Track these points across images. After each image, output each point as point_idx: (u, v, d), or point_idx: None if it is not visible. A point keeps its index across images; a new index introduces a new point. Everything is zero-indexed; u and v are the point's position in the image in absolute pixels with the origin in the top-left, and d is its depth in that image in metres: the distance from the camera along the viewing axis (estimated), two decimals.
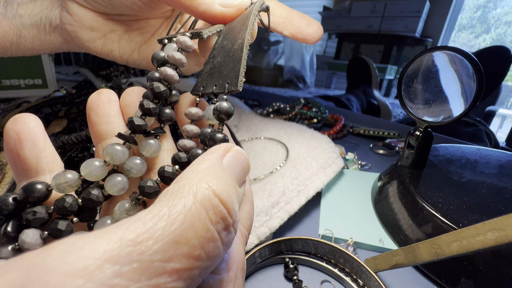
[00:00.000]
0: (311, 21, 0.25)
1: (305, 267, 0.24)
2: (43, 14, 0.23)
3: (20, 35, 0.24)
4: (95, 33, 0.24)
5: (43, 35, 0.24)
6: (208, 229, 0.08)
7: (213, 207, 0.08)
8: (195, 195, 0.08)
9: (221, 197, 0.08)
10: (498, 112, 0.97)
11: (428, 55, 0.28)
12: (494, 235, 0.14)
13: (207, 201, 0.08)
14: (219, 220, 0.08)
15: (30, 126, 0.11)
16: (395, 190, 0.30)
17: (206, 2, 0.18)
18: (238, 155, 0.11)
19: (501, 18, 1.99)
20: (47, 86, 0.53)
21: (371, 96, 0.99)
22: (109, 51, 0.25)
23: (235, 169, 0.11)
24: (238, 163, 0.11)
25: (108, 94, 0.14)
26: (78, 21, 0.23)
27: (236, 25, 0.17)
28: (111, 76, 0.75)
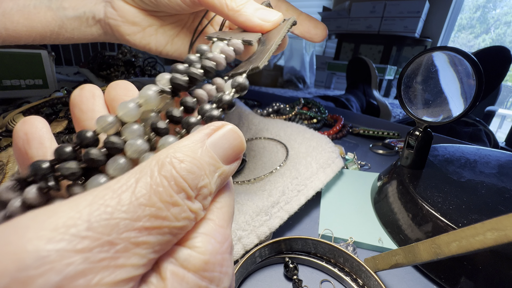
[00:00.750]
0: (318, 22, 0.28)
1: (305, 267, 0.24)
2: (87, 8, 0.25)
3: (62, 26, 0.25)
4: (136, 27, 0.26)
5: (84, 27, 0.26)
6: (171, 195, 0.09)
7: (174, 179, 0.09)
8: (160, 168, 0.09)
9: (181, 173, 0.09)
10: (498, 112, 0.97)
11: (428, 55, 0.28)
12: (494, 235, 0.14)
13: (169, 173, 0.09)
14: (180, 191, 0.09)
15: (37, 127, 0.12)
16: (395, 190, 0.30)
17: (246, 14, 0.21)
18: (228, 133, 0.11)
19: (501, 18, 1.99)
20: (47, 86, 0.53)
21: (370, 96, 0.99)
22: (146, 43, 0.27)
23: (223, 147, 0.11)
24: (227, 141, 0.11)
25: (91, 89, 0.14)
26: (122, 16, 0.25)
27: (272, 35, 0.20)
28: (111, 76, 0.75)
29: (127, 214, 0.08)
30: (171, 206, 0.09)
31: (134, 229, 0.08)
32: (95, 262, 0.07)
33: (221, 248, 0.10)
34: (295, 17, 0.22)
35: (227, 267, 0.11)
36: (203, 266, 0.10)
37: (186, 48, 0.29)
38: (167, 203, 0.09)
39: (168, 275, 0.09)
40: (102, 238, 0.07)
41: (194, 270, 0.09)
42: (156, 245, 0.09)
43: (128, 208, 0.08)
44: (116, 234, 0.08)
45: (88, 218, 0.07)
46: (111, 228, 0.08)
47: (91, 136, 0.11)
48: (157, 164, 0.09)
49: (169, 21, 0.27)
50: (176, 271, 0.09)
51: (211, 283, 0.10)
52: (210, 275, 0.10)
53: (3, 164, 0.27)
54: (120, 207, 0.08)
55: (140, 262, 0.08)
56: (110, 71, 0.76)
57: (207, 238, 0.10)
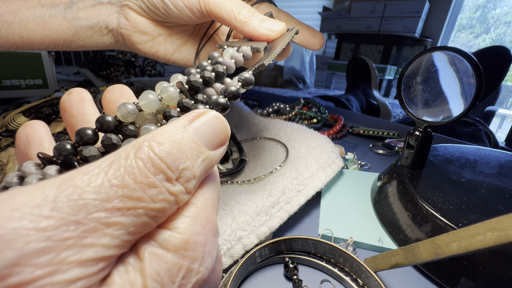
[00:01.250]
0: (316, 32, 0.30)
1: (305, 267, 0.24)
2: (100, 18, 0.27)
3: (75, 34, 0.27)
4: (146, 36, 0.27)
5: (97, 36, 0.27)
6: (147, 176, 0.09)
7: (151, 160, 0.09)
8: (136, 152, 0.09)
9: (159, 154, 0.09)
10: (498, 112, 0.97)
11: (428, 55, 0.28)
12: (494, 235, 0.14)
13: (145, 155, 0.09)
14: (158, 172, 0.09)
15: (38, 130, 0.13)
16: (395, 190, 0.30)
17: (253, 24, 0.23)
18: (211, 119, 0.12)
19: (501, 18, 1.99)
20: (47, 86, 0.53)
21: (370, 96, 0.99)
22: (155, 51, 0.29)
23: (205, 132, 0.11)
24: (210, 126, 0.11)
25: (79, 93, 0.14)
26: (134, 26, 0.27)
27: (277, 44, 0.22)
28: (111, 76, 0.75)
29: (97, 195, 0.08)
30: (147, 187, 0.09)
31: (105, 209, 0.08)
32: (59, 240, 0.07)
33: (203, 230, 0.10)
34: (298, 27, 0.24)
35: (211, 248, 0.11)
36: (184, 246, 0.09)
37: (193, 56, 0.30)
38: (142, 184, 0.09)
39: (146, 255, 0.09)
40: (67, 218, 0.07)
41: (174, 249, 0.09)
42: (130, 226, 0.08)
43: (99, 189, 0.08)
44: (84, 215, 0.08)
45: (53, 199, 0.08)
46: (79, 209, 0.08)
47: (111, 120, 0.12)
48: (133, 148, 0.09)
49: (177, 30, 0.29)
50: (154, 251, 0.09)
51: (193, 263, 0.10)
52: (192, 254, 0.10)
53: (3, 164, 0.27)
54: (90, 188, 0.08)
55: (112, 242, 0.08)
56: (110, 71, 0.76)
57: (189, 219, 0.10)
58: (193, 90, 0.15)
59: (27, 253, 0.07)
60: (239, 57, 0.19)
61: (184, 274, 0.09)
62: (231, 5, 0.23)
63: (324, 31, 1.80)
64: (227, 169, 0.36)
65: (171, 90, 0.14)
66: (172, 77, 0.15)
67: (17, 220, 0.07)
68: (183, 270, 0.09)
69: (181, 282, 0.09)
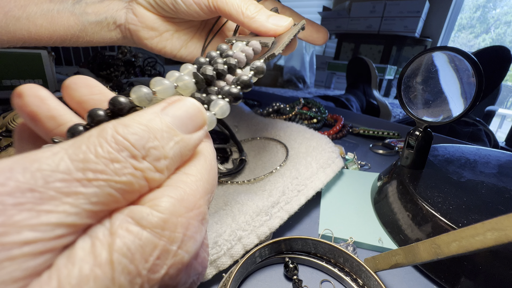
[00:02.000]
0: (320, 27, 0.30)
1: (305, 267, 0.24)
2: (108, 14, 0.27)
3: (83, 30, 0.27)
4: (154, 32, 0.28)
5: (104, 31, 0.28)
6: (109, 152, 0.09)
7: (113, 138, 0.09)
8: (99, 133, 0.09)
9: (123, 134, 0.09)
10: (498, 112, 0.97)
11: (428, 55, 0.28)
12: (494, 235, 0.14)
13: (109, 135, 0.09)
14: (121, 149, 0.09)
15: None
16: (395, 190, 0.30)
17: (260, 20, 0.23)
18: (185, 104, 0.12)
19: (501, 18, 1.99)
20: (47, 86, 0.53)
21: (370, 96, 0.99)
22: (162, 47, 0.29)
23: (179, 116, 0.11)
24: (184, 111, 0.12)
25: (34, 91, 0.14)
26: (142, 22, 0.27)
27: (283, 37, 0.22)
28: (111, 76, 0.75)
29: (56, 167, 0.08)
30: (110, 162, 0.09)
31: (63, 180, 0.08)
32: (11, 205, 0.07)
33: (187, 212, 0.10)
34: (304, 22, 0.24)
35: (194, 232, 0.10)
36: (161, 225, 0.09)
37: (199, 52, 0.30)
38: (104, 159, 0.09)
39: (119, 231, 0.09)
40: (22, 186, 0.08)
41: (150, 227, 0.09)
42: (93, 196, 0.09)
43: (58, 163, 0.08)
44: (41, 183, 0.08)
45: (9, 168, 0.08)
46: (35, 179, 0.08)
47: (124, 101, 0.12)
48: (96, 129, 0.10)
49: (184, 26, 0.29)
50: (128, 227, 0.09)
51: (171, 244, 0.09)
52: (170, 235, 0.09)
53: None
54: (49, 161, 0.08)
55: (71, 210, 0.08)
56: (110, 71, 0.76)
57: (172, 200, 0.10)
58: (206, 82, 0.15)
59: None
60: (249, 50, 0.19)
61: (159, 254, 0.09)
62: (239, 1, 0.24)
63: None
64: (227, 169, 0.36)
65: (187, 79, 0.14)
66: (182, 67, 0.16)
67: None
68: (158, 249, 0.09)
69: (155, 261, 0.09)
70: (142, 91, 0.12)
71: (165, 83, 0.13)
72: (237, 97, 0.15)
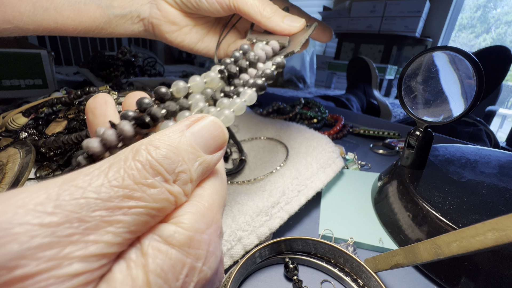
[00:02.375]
0: (325, 26, 0.32)
1: (305, 267, 0.24)
2: (133, 8, 0.29)
3: (107, 22, 0.28)
4: (175, 26, 0.29)
5: (128, 24, 0.29)
6: (146, 177, 0.09)
7: (149, 163, 0.09)
8: (134, 155, 0.10)
9: (156, 157, 0.10)
10: (498, 112, 0.97)
11: (428, 55, 0.28)
12: (494, 235, 0.14)
13: (143, 158, 0.09)
14: (156, 174, 0.09)
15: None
16: (395, 190, 0.30)
17: (275, 20, 0.25)
18: (209, 124, 0.12)
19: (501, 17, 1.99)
20: (47, 86, 0.53)
21: (371, 96, 0.99)
22: (181, 41, 0.31)
23: (203, 136, 0.12)
24: (208, 130, 0.12)
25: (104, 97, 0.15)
26: (165, 17, 0.29)
27: (297, 37, 0.25)
28: (111, 76, 0.75)
29: (98, 195, 0.08)
30: (147, 188, 0.09)
31: (106, 208, 0.08)
32: (62, 236, 0.07)
33: (208, 229, 0.10)
34: (316, 24, 0.27)
35: (215, 248, 0.11)
36: (188, 243, 0.09)
37: (214, 46, 0.32)
38: (141, 185, 0.09)
39: (150, 250, 0.09)
40: (70, 215, 0.08)
41: (178, 245, 0.09)
42: (132, 224, 0.09)
43: (99, 189, 0.08)
44: (86, 212, 0.08)
45: (56, 197, 0.08)
46: (81, 207, 0.08)
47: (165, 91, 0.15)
48: (131, 151, 0.10)
49: (201, 21, 0.31)
50: (158, 247, 0.09)
51: (197, 261, 0.10)
52: (196, 252, 0.10)
53: (3, 164, 0.27)
54: (91, 188, 0.08)
55: (114, 240, 0.08)
56: (109, 71, 0.76)
57: (194, 216, 0.10)
58: (230, 76, 0.18)
59: (32, 247, 0.07)
60: (269, 49, 0.22)
61: (188, 272, 0.09)
62: (257, 2, 0.26)
63: None
64: (227, 169, 0.36)
65: (212, 75, 0.17)
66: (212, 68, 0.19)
67: (22, 215, 0.07)
68: (187, 267, 0.09)
69: (184, 279, 0.09)
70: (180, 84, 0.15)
71: (196, 80, 0.16)
72: (262, 87, 0.17)
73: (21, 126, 0.32)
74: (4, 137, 0.32)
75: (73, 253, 0.08)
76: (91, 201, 0.08)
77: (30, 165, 0.25)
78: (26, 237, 0.07)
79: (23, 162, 0.26)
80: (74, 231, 0.08)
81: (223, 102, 0.16)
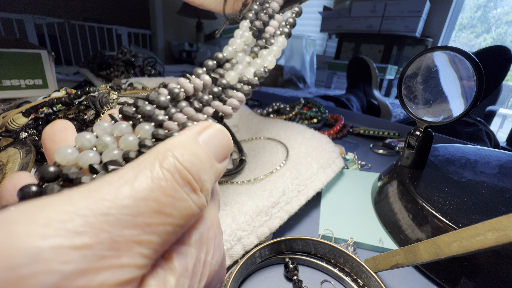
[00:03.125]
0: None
1: (305, 267, 0.24)
2: None
3: None
4: None
5: None
6: (176, 190, 0.09)
7: (178, 171, 0.09)
8: (161, 161, 0.09)
9: (184, 164, 0.09)
10: (499, 112, 0.97)
11: (428, 55, 0.28)
12: (494, 235, 0.14)
13: (172, 166, 0.09)
14: (185, 183, 0.09)
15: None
16: (395, 190, 0.30)
17: None
18: (217, 133, 0.11)
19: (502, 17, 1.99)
20: (47, 86, 0.53)
21: (371, 96, 0.99)
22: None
23: (213, 145, 0.11)
24: (217, 139, 0.11)
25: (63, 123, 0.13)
26: None
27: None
28: (111, 76, 0.75)
29: (127, 209, 0.07)
30: (176, 201, 0.08)
31: (136, 225, 0.07)
32: (95, 260, 0.07)
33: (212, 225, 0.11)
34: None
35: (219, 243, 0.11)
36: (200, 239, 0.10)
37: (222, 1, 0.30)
38: (171, 198, 0.08)
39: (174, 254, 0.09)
40: (101, 235, 0.07)
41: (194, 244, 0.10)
42: (159, 244, 0.08)
43: (128, 203, 0.07)
44: (116, 231, 0.07)
45: (84, 212, 0.07)
46: (111, 224, 0.07)
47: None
48: (157, 157, 0.09)
49: None
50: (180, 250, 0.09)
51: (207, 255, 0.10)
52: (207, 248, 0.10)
53: (3, 164, 0.27)
54: (119, 201, 0.07)
55: (143, 262, 0.08)
56: (109, 71, 0.76)
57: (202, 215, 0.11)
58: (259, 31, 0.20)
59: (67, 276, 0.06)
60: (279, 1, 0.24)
61: (203, 267, 0.10)
62: None
63: (325, 31, 1.79)
64: (227, 169, 0.36)
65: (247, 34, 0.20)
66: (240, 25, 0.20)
67: (51, 237, 0.06)
68: (201, 262, 0.10)
69: (201, 274, 0.10)
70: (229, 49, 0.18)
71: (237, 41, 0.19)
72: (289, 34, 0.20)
73: (21, 126, 0.32)
74: (4, 137, 0.32)
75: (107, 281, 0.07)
76: (121, 217, 0.07)
77: (30, 165, 0.25)
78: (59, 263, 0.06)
79: (23, 162, 0.26)
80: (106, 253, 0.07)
81: (263, 54, 0.19)
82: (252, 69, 0.18)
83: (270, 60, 0.19)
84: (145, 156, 0.09)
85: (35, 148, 0.28)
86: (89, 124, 0.29)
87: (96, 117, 0.29)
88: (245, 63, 0.19)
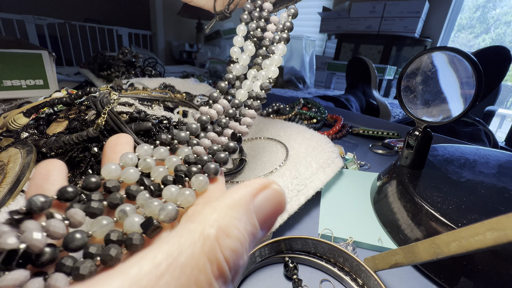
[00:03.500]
0: None
1: (304, 266, 0.24)
2: None
3: None
4: None
5: None
6: (211, 284, 0.08)
7: (217, 262, 0.08)
8: (203, 243, 0.08)
9: (224, 253, 0.08)
10: (498, 112, 0.97)
11: (427, 55, 0.28)
12: (493, 234, 0.14)
13: (213, 254, 0.08)
14: (219, 276, 0.08)
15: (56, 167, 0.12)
16: (394, 189, 0.30)
17: None
18: (274, 195, 0.10)
19: (501, 18, 1.99)
20: (48, 86, 0.53)
21: (370, 96, 0.99)
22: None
23: (265, 211, 0.10)
24: (271, 204, 0.10)
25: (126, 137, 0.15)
26: None
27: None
28: (111, 76, 0.75)
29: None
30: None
31: None
32: None
33: None
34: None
35: None
36: None
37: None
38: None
39: None
40: None
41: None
42: None
43: None
44: None
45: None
46: None
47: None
48: (201, 236, 0.08)
49: None
50: None
51: None
52: None
53: (4, 164, 0.27)
54: None
55: None
56: (110, 71, 0.76)
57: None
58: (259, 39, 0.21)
59: None
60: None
61: None
62: None
63: (324, 31, 1.80)
64: (227, 169, 0.36)
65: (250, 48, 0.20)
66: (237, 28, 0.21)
67: None
68: None
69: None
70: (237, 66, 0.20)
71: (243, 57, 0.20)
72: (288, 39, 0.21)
73: (22, 126, 0.32)
74: (5, 137, 0.32)
75: None
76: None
77: (31, 165, 0.26)
78: None
79: (24, 162, 0.26)
80: None
81: (266, 64, 0.20)
82: (259, 83, 0.19)
83: (273, 70, 0.20)
84: (187, 229, 0.08)
85: (36, 148, 0.28)
86: (90, 124, 0.29)
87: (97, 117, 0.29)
88: (251, 77, 0.20)
